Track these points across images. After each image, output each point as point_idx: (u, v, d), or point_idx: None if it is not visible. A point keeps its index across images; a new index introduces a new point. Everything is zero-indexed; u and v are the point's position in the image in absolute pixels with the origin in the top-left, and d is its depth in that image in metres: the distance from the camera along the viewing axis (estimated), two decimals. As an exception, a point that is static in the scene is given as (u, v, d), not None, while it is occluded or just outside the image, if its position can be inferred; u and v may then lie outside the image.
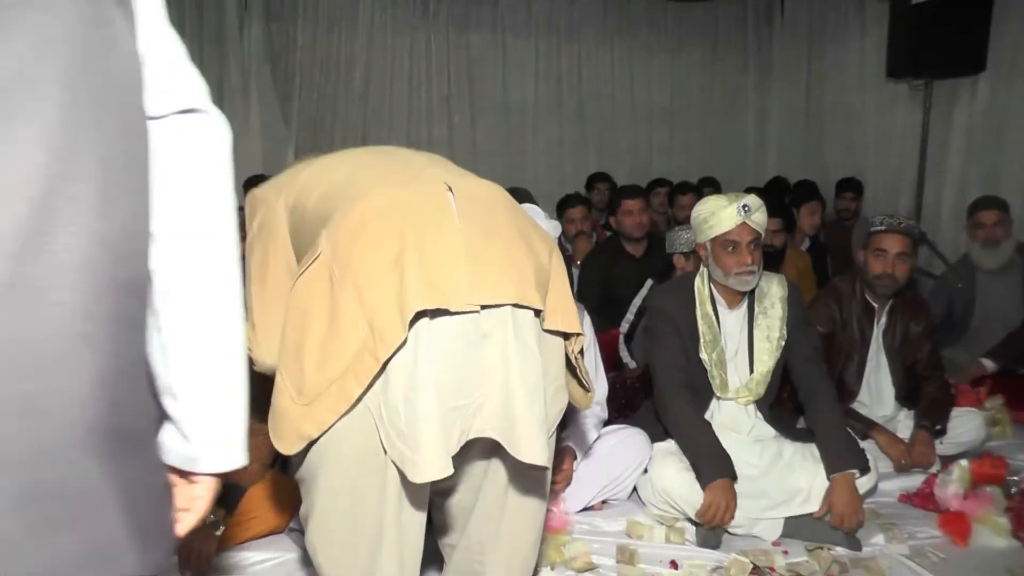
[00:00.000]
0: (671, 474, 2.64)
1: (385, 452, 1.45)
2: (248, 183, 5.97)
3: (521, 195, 3.82)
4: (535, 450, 1.44)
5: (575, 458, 2.67)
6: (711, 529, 2.58)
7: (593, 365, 2.89)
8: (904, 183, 6.63)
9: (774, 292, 2.86)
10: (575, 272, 4.51)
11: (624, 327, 3.78)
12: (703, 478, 2.58)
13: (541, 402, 1.47)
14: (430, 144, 7.35)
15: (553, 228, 2.71)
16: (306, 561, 2.38)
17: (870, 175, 7.03)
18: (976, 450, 3.22)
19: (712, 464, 2.60)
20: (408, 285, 1.36)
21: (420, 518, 1.60)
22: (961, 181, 6.16)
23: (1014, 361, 3.09)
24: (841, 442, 2.70)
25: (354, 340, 1.38)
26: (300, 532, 2.44)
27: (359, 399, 1.41)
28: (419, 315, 1.37)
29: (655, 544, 2.55)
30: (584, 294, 4.25)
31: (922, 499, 2.87)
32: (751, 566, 2.36)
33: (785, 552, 2.51)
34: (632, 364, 3.66)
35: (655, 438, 2.83)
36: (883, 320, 3.27)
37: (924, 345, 3.29)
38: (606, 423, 2.91)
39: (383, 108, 7.22)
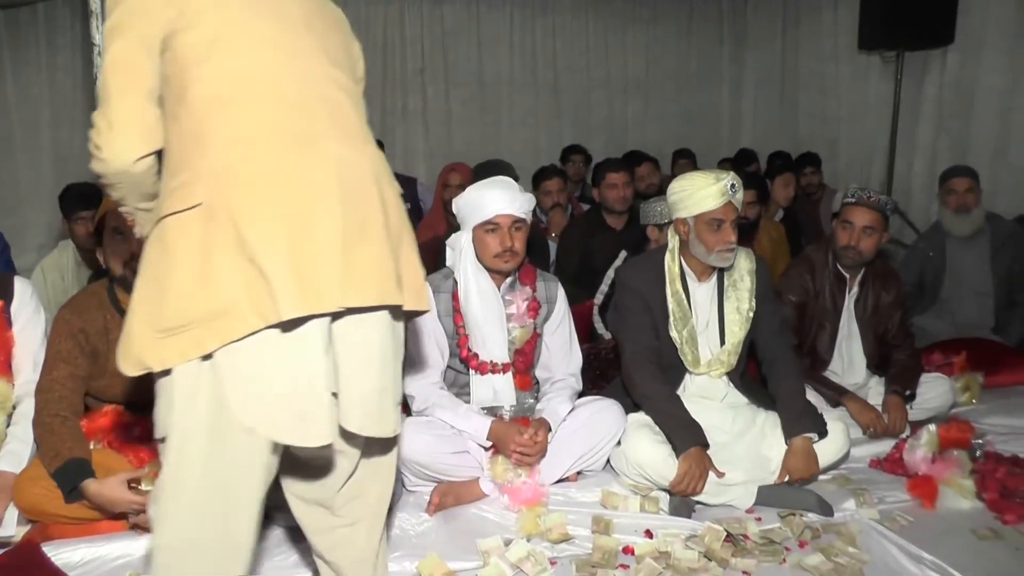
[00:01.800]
0: (644, 446, 2.66)
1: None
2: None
3: (500, 167, 3.82)
4: (395, 425, 1.58)
5: (549, 430, 2.68)
6: (684, 498, 2.61)
7: (568, 337, 2.91)
8: (876, 153, 6.70)
9: (742, 265, 2.90)
10: (551, 245, 4.51)
11: (599, 298, 3.79)
12: (677, 448, 2.61)
13: (393, 384, 1.57)
14: (404, 116, 7.30)
15: (528, 201, 2.71)
16: (284, 536, 2.39)
17: (843, 145, 7.12)
18: (944, 415, 3.27)
19: (684, 434, 2.63)
20: (282, 286, 1.35)
21: (265, 485, 1.57)
22: (931, 151, 6.24)
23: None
24: (799, 408, 2.76)
25: (225, 294, 1.35)
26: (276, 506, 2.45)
27: (210, 355, 1.38)
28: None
29: (630, 514, 2.57)
30: (562, 266, 4.26)
31: (892, 464, 2.92)
32: (725, 534, 2.39)
33: (758, 519, 2.54)
34: (607, 335, 3.67)
35: (628, 409, 2.85)
36: (854, 290, 3.31)
37: (895, 314, 3.33)
38: (580, 394, 2.92)
39: (357, 80, 7.14)
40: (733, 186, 2.70)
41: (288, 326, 1.38)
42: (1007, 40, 5.60)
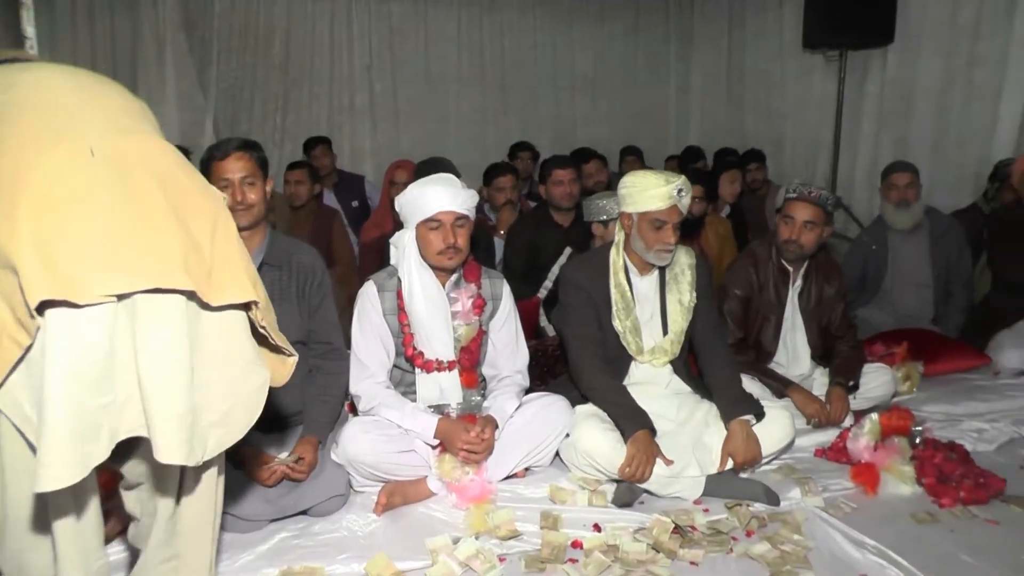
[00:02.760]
0: (593, 434, 2.67)
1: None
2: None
3: (441, 165, 3.79)
4: (172, 450, 1.33)
5: (496, 427, 2.67)
6: (629, 487, 2.62)
7: (514, 333, 2.91)
8: (821, 149, 6.81)
9: (682, 260, 2.96)
10: (498, 242, 4.50)
11: (543, 293, 3.78)
12: (625, 433, 2.64)
13: (185, 393, 1.35)
14: (352, 113, 7.24)
15: (470, 197, 2.70)
16: (229, 542, 2.35)
17: (789, 142, 7.22)
18: (886, 404, 3.34)
19: (631, 419, 2.67)
20: (28, 269, 1.22)
21: (88, 517, 1.50)
22: (873, 147, 6.36)
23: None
24: (734, 394, 2.83)
25: None
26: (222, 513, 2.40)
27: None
28: (49, 303, 1.23)
29: (578, 508, 2.57)
30: (509, 263, 4.25)
31: (835, 453, 2.97)
32: (672, 525, 2.40)
33: (706, 510, 2.56)
34: (552, 332, 3.67)
35: (576, 402, 2.86)
36: (798, 282, 3.35)
37: (837, 306, 3.38)
38: (527, 391, 2.92)
39: (304, 76, 7.11)
40: (681, 191, 2.74)
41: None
42: (942, 41, 5.74)
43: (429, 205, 2.64)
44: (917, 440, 2.91)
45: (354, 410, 2.85)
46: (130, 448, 1.46)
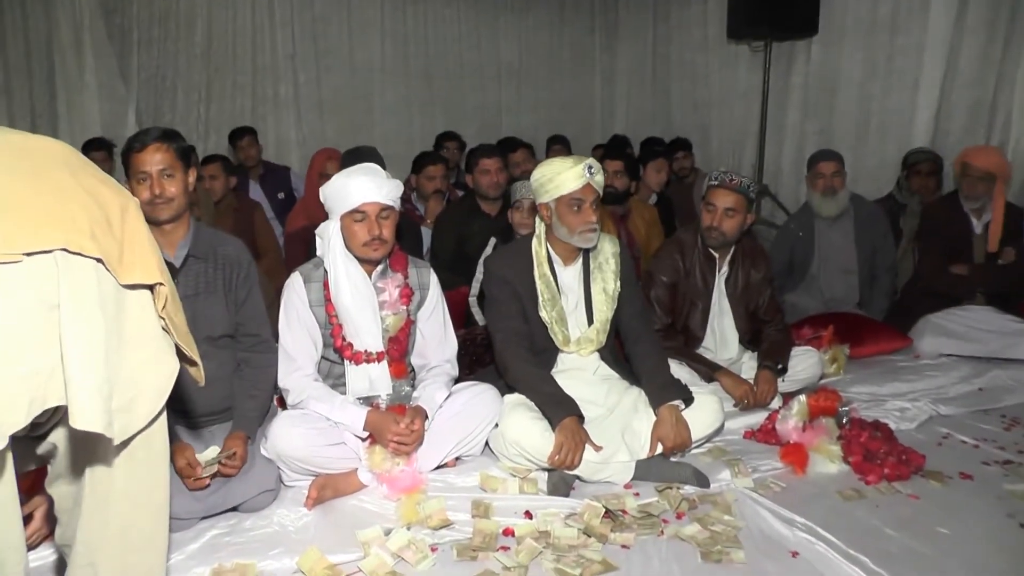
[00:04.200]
0: (521, 423, 2.66)
1: None
2: (87, 145, 5.59)
3: (367, 154, 3.74)
4: (88, 415, 1.26)
5: (426, 417, 2.64)
6: (562, 476, 2.61)
7: (442, 323, 2.88)
8: (747, 139, 6.93)
9: (606, 249, 2.97)
10: (425, 231, 4.46)
11: (475, 287, 3.76)
12: (553, 421, 2.63)
13: (102, 361, 1.30)
14: (276, 104, 7.12)
15: (395, 188, 2.66)
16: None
17: (715, 132, 7.33)
18: (813, 386, 3.42)
19: (558, 407, 2.66)
20: None
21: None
22: (799, 137, 6.51)
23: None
24: (663, 380, 2.85)
25: None
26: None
27: None
28: None
29: (509, 496, 2.56)
30: (436, 252, 4.21)
31: (764, 434, 3.01)
32: (603, 510, 2.40)
33: (636, 494, 2.57)
34: (482, 321, 3.64)
35: (504, 392, 2.84)
36: (724, 269, 3.39)
37: (764, 291, 3.43)
38: (456, 380, 2.89)
39: (227, 66, 6.93)
40: (591, 167, 2.74)
41: None
42: (863, 34, 5.89)
43: (353, 196, 2.59)
44: (844, 420, 2.96)
45: (283, 404, 2.78)
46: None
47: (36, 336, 1.25)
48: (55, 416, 1.36)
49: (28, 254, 1.23)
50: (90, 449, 1.43)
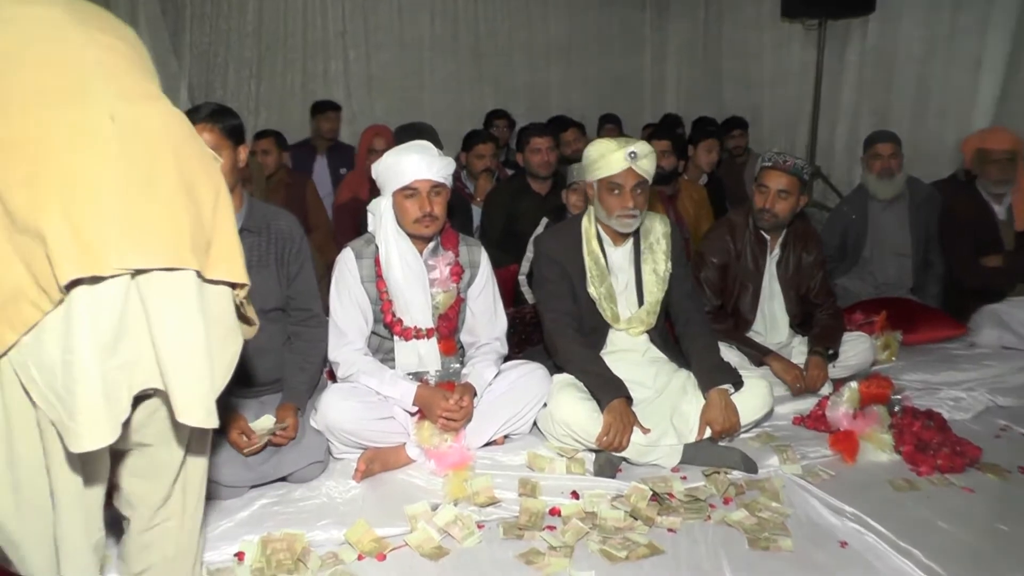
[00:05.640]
0: (570, 404, 2.65)
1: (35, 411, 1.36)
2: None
3: (422, 131, 3.74)
4: (197, 412, 1.39)
5: (475, 394, 2.65)
6: (609, 457, 2.61)
7: (492, 301, 2.88)
8: (800, 119, 6.80)
9: (657, 229, 2.94)
10: (475, 209, 4.46)
11: (525, 267, 3.76)
12: (601, 402, 2.62)
13: (205, 361, 1.39)
14: (326, 80, 7.14)
15: (447, 165, 2.66)
16: (210, 508, 2.32)
17: (767, 112, 7.21)
18: (865, 372, 3.35)
19: (607, 388, 2.65)
20: (58, 244, 1.23)
21: (97, 487, 1.51)
22: (853, 117, 6.37)
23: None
24: (713, 362, 2.82)
25: (9, 278, 1.26)
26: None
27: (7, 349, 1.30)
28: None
29: (556, 476, 2.57)
30: (486, 230, 4.22)
31: (814, 421, 2.97)
32: (650, 493, 2.40)
33: (684, 478, 2.56)
34: (531, 299, 3.65)
35: (553, 371, 2.84)
36: (776, 251, 3.34)
37: (816, 274, 3.37)
38: (506, 358, 2.90)
39: (277, 43, 6.97)
40: (633, 153, 2.71)
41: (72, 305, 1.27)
42: (923, 11, 5.74)
43: (405, 173, 2.60)
44: (896, 408, 2.92)
45: (333, 377, 2.81)
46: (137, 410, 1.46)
47: (130, 329, 1.33)
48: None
49: (134, 272, 1.30)
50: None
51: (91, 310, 1.28)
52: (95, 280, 1.27)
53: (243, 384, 2.64)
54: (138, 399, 1.40)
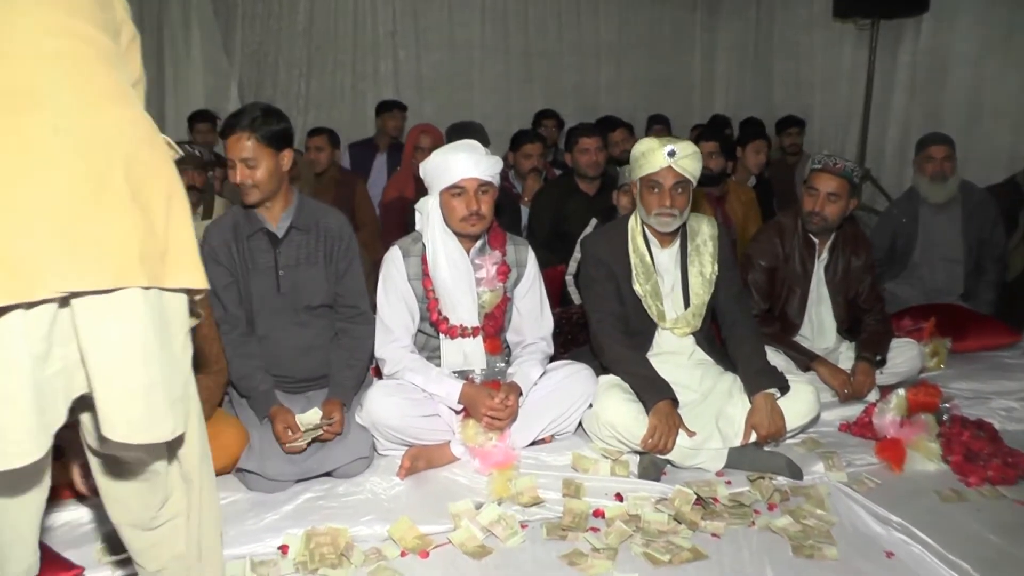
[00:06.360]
0: (615, 405, 2.66)
1: None
2: (192, 118, 5.82)
3: (472, 130, 3.77)
4: (120, 428, 1.28)
5: (520, 394, 2.67)
6: (653, 460, 2.61)
7: (539, 301, 2.90)
8: (850, 121, 6.71)
9: (704, 231, 2.94)
10: (523, 209, 4.48)
11: (572, 267, 3.77)
12: (647, 404, 2.63)
13: (142, 377, 1.29)
14: (375, 80, 7.21)
15: (494, 164, 2.68)
16: (255, 501, 2.38)
17: (817, 113, 7.12)
18: (913, 379, 3.30)
19: (653, 390, 2.66)
20: None
21: (32, 501, 1.40)
22: (905, 119, 6.28)
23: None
24: (759, 366, 2.80)
25: None
26: (248, 472, 2.42)
27: None
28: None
29: (600, 477, 2.57)
30: (534, 230, 4.23)
31: (860, 428, 2.93)
32: (695, 496, 2.39)
33: (728, 483, 2.55)
34: (578, 300, 3.66)
35: (599, 372, 2.85)
36: (824, 255, 3.30)
37: (865, 279, 3.33)
38: (552, 359, 2.91)
39: (327, 43, 7.06)
40: (672, 152, 2.70)
41: None
42: (980, 9, 5.62)
43: (452, 171, 2.62)
44: (944, 417, 2.87)
45: (379, 374, 2.85)
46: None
47: (65, 335, 1.26)
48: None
49: (82, 294, 1.22)
50: None
51: (16, 330, 1.19)
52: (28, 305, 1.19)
53: (289, 379, 2.70)
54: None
